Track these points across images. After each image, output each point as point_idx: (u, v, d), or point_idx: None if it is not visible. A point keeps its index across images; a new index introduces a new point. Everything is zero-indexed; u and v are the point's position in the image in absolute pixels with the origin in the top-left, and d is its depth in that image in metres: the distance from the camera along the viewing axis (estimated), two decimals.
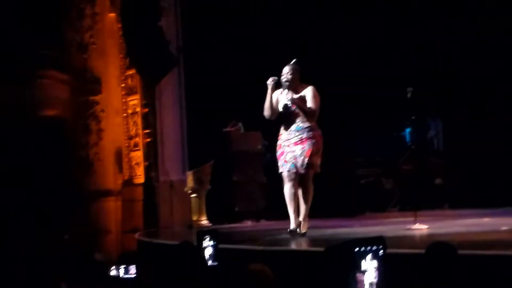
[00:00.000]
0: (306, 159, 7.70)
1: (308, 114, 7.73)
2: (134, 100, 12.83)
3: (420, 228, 7.84)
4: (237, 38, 12.80)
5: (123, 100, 12.96)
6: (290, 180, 7.79)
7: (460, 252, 4.42)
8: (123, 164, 12.83)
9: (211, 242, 5.91)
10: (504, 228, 7.38)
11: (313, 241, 7.50)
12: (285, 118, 7.87)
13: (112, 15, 12.96)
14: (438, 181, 13.19)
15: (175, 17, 12.46)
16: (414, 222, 7.96)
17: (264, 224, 11.52)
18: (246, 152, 12.26)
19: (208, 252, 5.91)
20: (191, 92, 12.54)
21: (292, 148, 7.77)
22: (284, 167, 7.79)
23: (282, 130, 7.93)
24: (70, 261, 6.43)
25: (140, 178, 12.59)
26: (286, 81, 7.80)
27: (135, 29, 12.32)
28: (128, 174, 12.80)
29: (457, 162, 12.95)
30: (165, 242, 8.91)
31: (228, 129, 12.48)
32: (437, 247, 4.29)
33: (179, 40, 12.49)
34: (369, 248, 3.80)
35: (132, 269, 6.22)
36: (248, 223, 11.69)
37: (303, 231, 7.84)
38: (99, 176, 12.60)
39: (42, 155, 12.21)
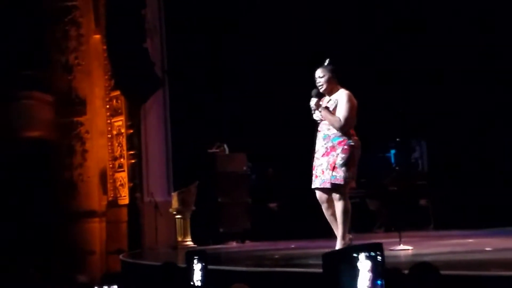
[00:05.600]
0: (331, 173, 6.90)
1: (335, 123, 6.97)
2: (119, 121, 12.84)
3: (405, 249, 7.83)
4: (222, 58, 12.85)
5: (108, 121, 12.96)
6: (323, 200, 7.07)
7: (443, 272, 4.42)
8: (108, 185, 12.80)
9: (200, 263, 5.88)
10: (488, 248, 7.39)
11: (297, 262, 7.48)
12: (317, 125, 7.17)
13: (97, 36, 13.00)
14: (422, 202, 13.21)
15: (160, 38, 12.51)
16: (399, 243, 7.96)
17: (249, 245, 11.50)
18: (231, 173, 12.25)
19: (196, 273, 5.88)
20: (176, 114, 12.55)
21: (320, 160, 7.02)
22: (315, 183, 7.04)
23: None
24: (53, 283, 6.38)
25: (124, 199, 12.57)
26: (320, 86, 7.08)
27: (120, 50, 12.34)
28: (112, 195, 12.77)
29: (441, 183, 12.99)
30: (150, 263, 8.87)
31: (213, 150, 12.47)
32: (420, 268, 4.30)
33: (164, 61, 12.53)
34: (367, 254, 3.78)
35: None
36: (233, 244, 11.66)
37: None
38: (84, 197, 12.56)
39: (25, 176, 12.16)
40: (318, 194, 7.06)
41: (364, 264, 3.76)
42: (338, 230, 7.13)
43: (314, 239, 10.56)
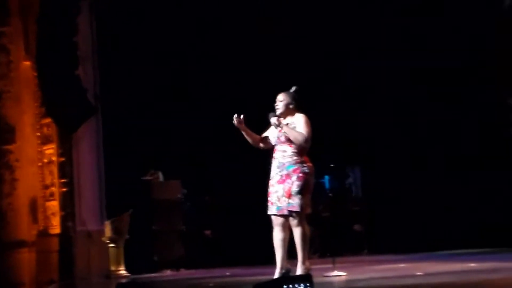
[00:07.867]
0: (288, 200, 7.12)
1: (298, 137, 7.16)
2: (50, 149, 12.58)
3: (339, 275, 7.87)
4: (156, 84, 12.81)
5: (39, 149, 12.70)
6: (277, 224, 7.22)
7: None
8: (38, 214, 12.52)
9: None
10: (419, 273, 7.49)
11: None
12: (272, 153, 7.30)
13: (28, 63, 12.77)
14: (357, 227, 13.34)
15: (93, 65, 12.37)
16: (333, 269, 7.99)
17: (183, 273, 11.40)
18: (165, 200, 12.18)
19: None
20: (109, 141, 12.41)
21: (276, 187, 7.20)
22: (271, 210, 7.23)
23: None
24: None
25: (56, 228, 12.30)
26: (277, 109, 7.29)
27: (51, 77, 12.14)
28: (43, 224, 12.49)
29: (375, 209, 13.14)
30: None
31: (147, 177, 12.38)
32: None
33: (97, 88, 12.38)
34: (296, 285, 3.81)
35: None
36: (167, 272, 11.56)
37: None
38: (13, 226, 12.25)
39: None
40: (274, 218, 7.24)
41: None
42: (298, 255, 7.30)
43: (249, 266, 10.53)
